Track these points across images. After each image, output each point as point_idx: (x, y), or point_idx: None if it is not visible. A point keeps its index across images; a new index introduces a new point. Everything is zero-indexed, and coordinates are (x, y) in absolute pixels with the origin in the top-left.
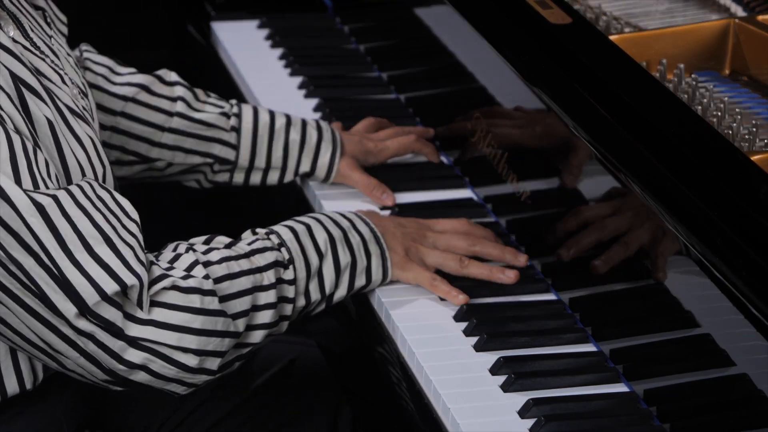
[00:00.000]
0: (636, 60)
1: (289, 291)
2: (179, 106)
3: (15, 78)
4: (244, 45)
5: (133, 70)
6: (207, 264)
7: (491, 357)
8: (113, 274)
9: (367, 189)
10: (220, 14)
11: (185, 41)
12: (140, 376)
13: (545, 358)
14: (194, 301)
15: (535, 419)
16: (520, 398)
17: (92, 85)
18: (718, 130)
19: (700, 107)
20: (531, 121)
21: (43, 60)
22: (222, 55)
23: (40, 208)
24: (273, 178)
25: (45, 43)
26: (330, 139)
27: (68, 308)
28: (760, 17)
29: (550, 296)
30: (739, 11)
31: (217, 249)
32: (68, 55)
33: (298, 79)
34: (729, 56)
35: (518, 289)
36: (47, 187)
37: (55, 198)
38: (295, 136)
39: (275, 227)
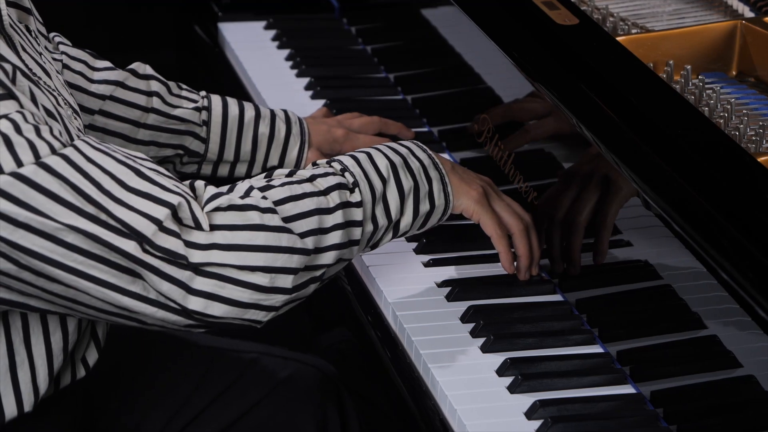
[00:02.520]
0: (643, 61)
1: (357, 214)
2: (155, 102)
3: (40, 107)
4: (251, 46)
5: (108, 64)
6: (266, 188)
7: (498, 358)
8: (156, 199)
9: None
10: (226, 15)
11: (192, 42)
12: (216, 309)
13: (552, 359)
14: (253, 217)
15: (541, 420)
16: (526, 399)
17: (71, 85)
18: (725, 131)
19: (707, 108)
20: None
21: (37, 85)
22: (229, 56)
23: (67, 159)
24: (241, 170)
25: (36, 61)
26: (298, 133)
27: (131, 245)
28: (767, 18)
29: (557, 297)
30: (747, 12)
31: (279, 178)
32: (58, 72)
33: (305, 80)
34: (736, 57)
35: (525, 290)
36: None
37: (74, 146)
38: (264, 129)
39: (336, 157)
